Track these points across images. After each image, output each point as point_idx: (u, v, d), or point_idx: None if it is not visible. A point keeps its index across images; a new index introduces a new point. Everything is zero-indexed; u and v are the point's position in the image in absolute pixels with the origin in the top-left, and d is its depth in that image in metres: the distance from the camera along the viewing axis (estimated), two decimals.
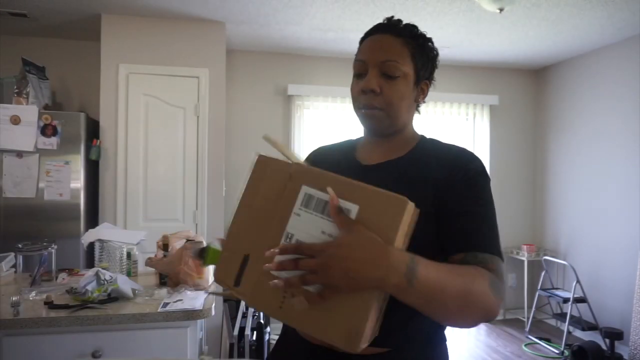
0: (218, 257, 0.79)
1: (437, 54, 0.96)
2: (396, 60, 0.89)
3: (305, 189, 0.71)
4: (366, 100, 0.90)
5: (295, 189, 0.71)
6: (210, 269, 2.01)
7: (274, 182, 0.74)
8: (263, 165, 0.77)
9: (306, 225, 0.69)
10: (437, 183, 0.86)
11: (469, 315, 0.73)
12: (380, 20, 0.95)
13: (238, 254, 0.74)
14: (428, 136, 1.00)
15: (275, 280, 0.67)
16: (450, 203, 0.84)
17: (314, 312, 0.67)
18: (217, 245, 0.81)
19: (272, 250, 0.69)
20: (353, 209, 0.68)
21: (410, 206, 0.67)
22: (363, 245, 0.65)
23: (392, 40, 0.90)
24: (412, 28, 0.93)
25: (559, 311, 4.14)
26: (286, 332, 1.00)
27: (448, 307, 0.70)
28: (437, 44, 0.97)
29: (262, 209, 0.74)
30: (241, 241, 0.74)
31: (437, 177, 0.87)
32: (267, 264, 0.69)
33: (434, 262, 0.71)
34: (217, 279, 0.76)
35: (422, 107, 1.01)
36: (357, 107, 0.93)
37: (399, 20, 0.93)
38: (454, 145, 0.94)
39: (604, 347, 3.44)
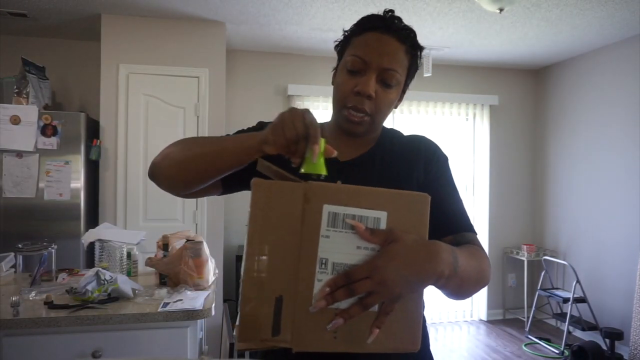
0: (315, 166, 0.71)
1: (421, 63, 0.99)
2: (397, 70, 0.88)
3: (327, 208, 0.65)
4: (357, 102, 0.87)
5: (316, 210, 0.65)
6: (211, 269, 2.01)
7: (286, 208, 0.66)
8: (264, 191, 0.66)
9: (339, 246, 0.66)
10: (418, 177, 0.93)
11: (478, 289, 0.81)
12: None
13: (267, 299, 0.65)
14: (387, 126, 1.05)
15: (335, 321, 0.64)
16: (432, 193, 0.88)
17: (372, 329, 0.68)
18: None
19: (325, 288, 0.64)
20: (382, 216, 0.67)
21: (429, 200, 0.70)
22: (413, 249, 0.65)
23: (397, 47, 0.87)
24: (412, 34, 0.91)
25: (559, 311, 4.14)
26: None
27: (470, 285, 0.77)
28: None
29: (280, 241, 0.65)
30: (266, 284, 0.65)
31: (418, 172, 0.93)
32: (316, 304, 0.64)
33: (457, 247, 0.75)
34: (245, 337, 0.64)
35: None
36: (344, 104, 0.89)
37: (400, 19, 0.90)
38: (414, 135, 1.01)
39: (604, 347, 3.44)
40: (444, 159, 0.97)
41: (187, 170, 0.86)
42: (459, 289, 0.74)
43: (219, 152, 0.83)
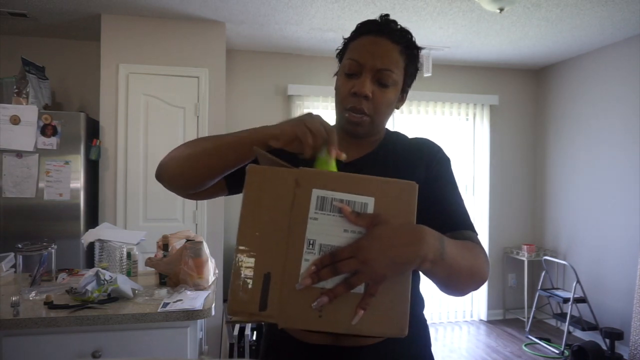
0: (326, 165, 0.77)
1: (421, 65, 1.00)
2: (391, 70, 0.89)
3: (316, 192, 0.69)
4: (355, 103, 0.89)
5: (305, 194, 0.69)
6: (211, 269, 2.01)
7: (278, 192, 0.69)
8: (258, 176, 0.70)
9: (326, 228, 0.68)
10: (420, 178, 0.93)
11: (473, 284, 0.80)
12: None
13: (256, 276, 0.68)
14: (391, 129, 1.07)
15: (320, 299, 0.65)
16: (432, 192, 0.91)
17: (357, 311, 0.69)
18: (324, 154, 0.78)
19: (311, 267, 0.65)
20: (370, 201, 0.69)
21: (417, 188, 0.72)
22: (398, 231, 0.66)
23: (390, 47, 0.90)
24: (408, 35, 0.93)
25: (559, 311, 4.14)
26: (274, 333, 0.98)
27: (462, 277, 0.76)
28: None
29: (271, 222, 0.69)
30: (256, 261, 0.68)
31: (420, 173, 0.94)
32: (302, 281, 0.65)
33: (451, 239, 0.75)
34: (235, 310, 0.67)
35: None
36: (343, 107, 0.92)
37: (395, 22, 0.93)
38: (418, 138, 1.03)
39: (604, 347, 3.44)
40: (446, 160, 0.98)
41: (193, 166, 0.88)
42: (448, 278, 0.74)
43: (223, 147, 0.84)
